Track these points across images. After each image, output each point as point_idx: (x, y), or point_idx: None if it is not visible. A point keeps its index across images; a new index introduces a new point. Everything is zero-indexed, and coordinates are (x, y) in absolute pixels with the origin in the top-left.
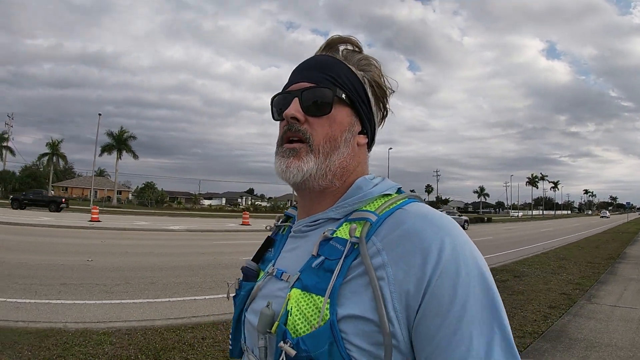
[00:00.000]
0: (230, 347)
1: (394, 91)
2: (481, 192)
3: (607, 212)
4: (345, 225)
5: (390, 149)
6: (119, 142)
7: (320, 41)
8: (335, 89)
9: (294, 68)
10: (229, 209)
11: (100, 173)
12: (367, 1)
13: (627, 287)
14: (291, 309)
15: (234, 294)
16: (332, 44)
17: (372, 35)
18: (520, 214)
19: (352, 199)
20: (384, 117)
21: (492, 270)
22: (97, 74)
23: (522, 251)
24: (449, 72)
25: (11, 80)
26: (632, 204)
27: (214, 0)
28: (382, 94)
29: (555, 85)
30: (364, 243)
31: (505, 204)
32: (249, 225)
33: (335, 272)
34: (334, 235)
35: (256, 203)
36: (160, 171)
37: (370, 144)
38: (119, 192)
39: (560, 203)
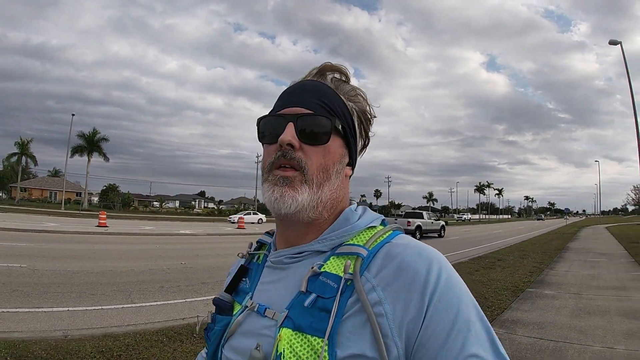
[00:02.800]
0: None
1: (376, 117)
2: (430, 197)
3: (543, 215)
4: (333, 259)
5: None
6: (90, 144)
7: (267, 45)
8: (333, 119)
9: (284, 90)
10: (195, 211)
11: (55, 173)
12: (314, 8)
13: (572, 264)
14: (283, 351)
15: (205, 328)
16: (322, 71)
17: (318, 41)
18: (469, 216)
19: (339, 232)
20: (364, 147)
21: (478, 258)
22: (40, 67)
23: (490, 246)
24: (393, 80)
25: None
26: (569, 210)
27: None
28: (367, 124)
29: (494, 96)
30: (358, 279)
31: (450, 208)
32: (244, 229)
33: (332, 311)
34: (323, 270)
35: (220, 207)
36: (102, 171)
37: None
38: (79, 194)
39: (501, 208)
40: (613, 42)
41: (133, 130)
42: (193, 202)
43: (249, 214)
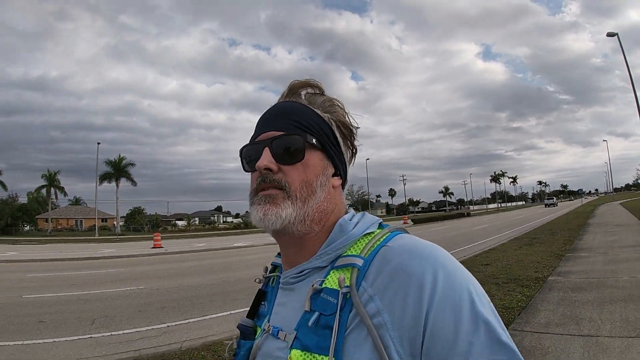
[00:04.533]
0: None
1: (359, 127)
2: (446, 191)
3: (555, 199)
4: (333, 273)
5: (368, 159)
6: (118, 170)
7: (264, 56)
8: (305, 135)
9: (258, 118)
10: (224, 226)
11: (76, 202)
12: (305, 16)
13: (596, 235)
14: None
15: (233, 353)
16: (293, 89)
17: (314, 48)
18: (491, 206)
19: (335, 245)
20: (353, 155)
21: (515, 238)
22: (42, 98)
23: (518, 230)
24: (392, 79)
25: None
26: (583, 190)
27: (156, 21)
28: (349, 133)
29: (493, 85)
30: (355, 292)
31: (465, 200)
32: None
33: (334, 328)
34: (323, 287)
35: (235, 221)
36: (111, 195)
37: (343, 184)
38: (105, 220)
39: (514, 195)
40: (610, 34)
41: (140, 153)
42: (212, 218)
43: None
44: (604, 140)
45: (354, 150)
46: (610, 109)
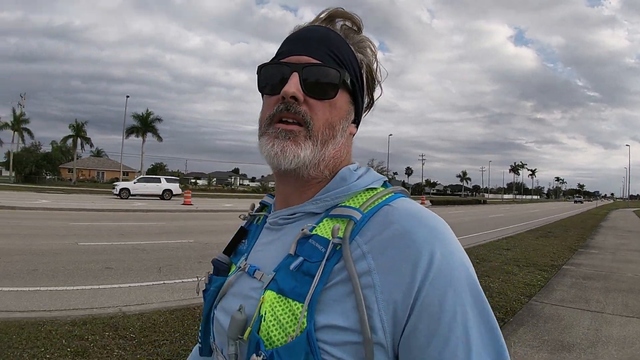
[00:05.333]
0: (199, 345)
1: (384, 79)
2: (464, 176)
3: (582, 198)
4: (327, 221)
5: (390, 135)
6: (145, 125)
7: (290, 18)
8: (343, 72)
9: (288, 35)
10: (242, 189)
11: (98, 154)
12: None
13: (607, 236)
14: (265, 314)
15: (204, 289)
16: (332, 17)
17: None
18: (506, 197)
19: (333, 192)
20: (369, 107)
21: (531, 230)
22: (63, 47)
23: (535, 223)
24: (418, 54)
25: None
26: (599, 193)
27: None
28: (373, 82)
29: (522, 71)
30: (347, 245)
31: (481, 187)
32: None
33: (316, 277)
34: (314, 233)
35: (252, 184)
36: (131, 149)
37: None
38: (126, 173)
39: (530, 188)
40: None
41: (158, 108)
42: (230, 179)
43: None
44: (626, 145)
45: (371, 102)
46: (637, 113)
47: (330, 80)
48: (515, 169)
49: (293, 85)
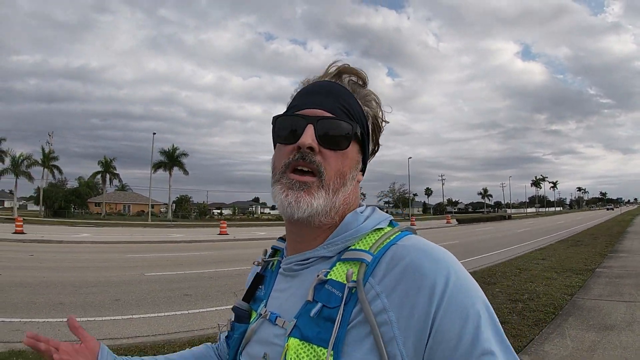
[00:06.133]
0: None
1: (388, 123)
2: (485, 193)
3: (612, 205)
4: (339, 265)
5: (410, 158)
6: (171, 159)
7: (300, 51)
8: (355, 125)
9: (300, 89)
10: (266, 217)
11: (123, 188)
12: (342, 12)
13: (634, 241)
14: None
15: (226, 336)
16: (341, 73)
17: (349, 44)
18: (529, 211)
19: (343, 236)
20: (374, 152)
21: (560, 241)
22: (82, 88)
23: (562, 234)
24: (428, 77)
25: None
26: (622, 199)
27: (194, 14)
28: (378, 129)
29: (533, 85)
30: (361, 288)
31: (502, 202)
32: None
33: (337, 322)
34: (329, 278)
35: (273, 212)
36: (147, 182)
37: None
38: (152, 206)
39: (552, 200)
40: None
41: (176, 142)
42: (251, 208)
43: None
44: None
45: (377, 148)
46: None
47: (343, 133)
48: (536, 183)
49: (309, 137)
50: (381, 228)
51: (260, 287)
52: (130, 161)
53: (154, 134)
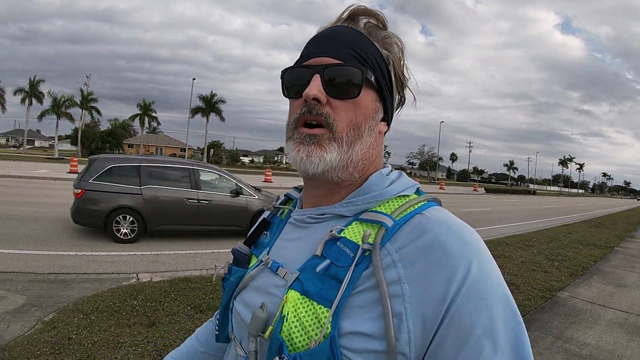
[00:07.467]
0: (216, 331)
1: (408, 79)
2: (511, 165)
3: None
4: (356, 224)
5: (442, 122)
6: (209, 106)
7: (332, 1)
8: (365, 70)
9: (310, 38)
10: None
11: (153, 130)
12: None
13: None
14: (287, 314)
15: (222, 278)
16: (354, 15)
17: None
18: (552, 189)
19: (365, 197)
20: (400, 104)
21: (583, 221)
22: (109, 30)
23: (585, 215)
24: (462, 39)
25: (24, 37)
26: None
27: None
28: (402, 77)
29: (569, 60)
30: (377, 252)
31: (526, 177)
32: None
33: (344, 282)
34: (342, 235)
35: None
36: (176, 126)
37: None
38: (183, 150)
39: (575, 182)
40: None
41: (201, 87)
42: (277, 157)
43: None
44: None
45: (403, 99)
46: None
47: (353, 79)
48: (564, 162)
49: (314, 87)
50: (406, 195)
51: (265, 232)
52: (157, 104)
53: (194, 79)
